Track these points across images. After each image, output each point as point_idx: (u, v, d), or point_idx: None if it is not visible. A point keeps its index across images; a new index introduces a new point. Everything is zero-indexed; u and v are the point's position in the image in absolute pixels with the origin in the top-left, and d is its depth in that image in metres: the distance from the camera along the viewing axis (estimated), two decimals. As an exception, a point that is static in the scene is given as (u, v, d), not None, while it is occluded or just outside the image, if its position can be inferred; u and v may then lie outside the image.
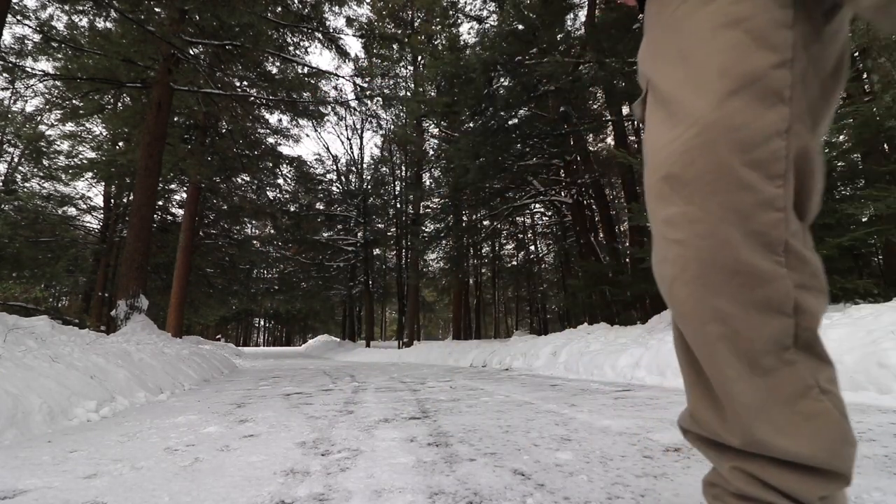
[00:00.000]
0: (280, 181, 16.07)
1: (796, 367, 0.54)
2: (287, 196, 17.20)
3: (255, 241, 19.27)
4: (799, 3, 0.53)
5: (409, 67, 16.29)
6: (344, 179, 22.06)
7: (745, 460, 0.57)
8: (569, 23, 8.67)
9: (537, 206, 15.99)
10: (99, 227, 16.26)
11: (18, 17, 8.47)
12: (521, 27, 8.03)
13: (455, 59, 8.94)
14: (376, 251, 22.11)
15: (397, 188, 20.60)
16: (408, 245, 18.56)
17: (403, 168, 20.13)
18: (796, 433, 0.53)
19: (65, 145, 13.92)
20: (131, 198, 12.08)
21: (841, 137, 4.77)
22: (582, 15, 9.77)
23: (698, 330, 0.57)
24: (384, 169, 21.13)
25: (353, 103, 12.48)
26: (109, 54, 8.21)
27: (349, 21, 12.08)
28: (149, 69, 8.77)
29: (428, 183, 16.59)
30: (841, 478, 0.54)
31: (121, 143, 13.60)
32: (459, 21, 12.98)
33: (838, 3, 0.54)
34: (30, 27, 8.73)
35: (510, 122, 9.37)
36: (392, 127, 15.32)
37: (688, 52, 0.57)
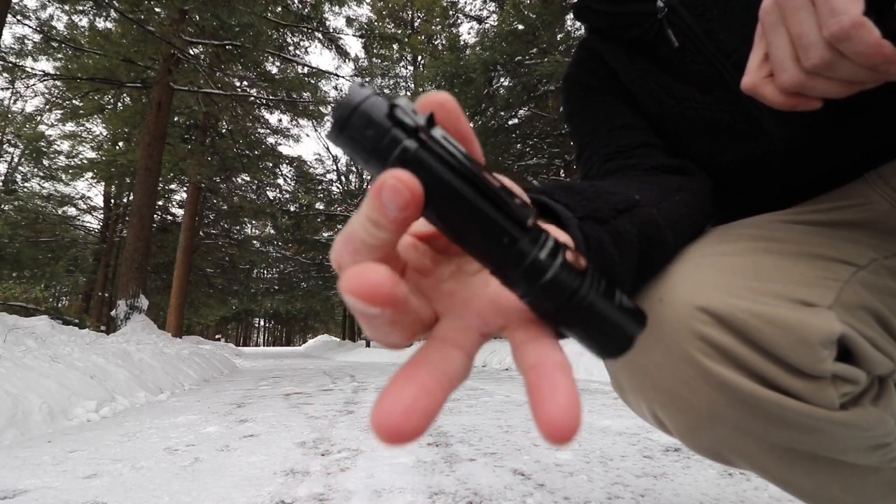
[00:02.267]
0: (280, 181, 16.08)
1: None
2: (287, 196, 17.20)
3: (255, 241, 19.26)
4: None
5: (409, 67, 16.31)
6: (344, 179, 22.06)
7: None
8: (569, 23, 8.66)
9: (537, 206, 16.00)
10: (99, 227, 16.26)
11: (18, 17, 8.49)
12: (521, 27, 8.03)
13: (455, 59, 8.94)
14: (376, 250, 22.15)
15: (397, 188, 20.64)
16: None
17: (404, 168, 20.20)
18: None
19: (65, 145, 13.94)
20: (131, 198, 12.08)
21: None
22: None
23: None
24: (385, 168, 21.19)
25: (354, 103, 12.48)
26: (109, 54, 8.23)
27: (349, 21, 12.11)
28: (149, 69, 8.77)
29: (428, 183, 16.63)
30: None
31: (121, 143, 13.60)
32: (459, 21, 13.01)
33: None
34: (30, 27, 8.75)
35: (510, 122, 9.37)
36: (392, 127, 15.32)
37: None
